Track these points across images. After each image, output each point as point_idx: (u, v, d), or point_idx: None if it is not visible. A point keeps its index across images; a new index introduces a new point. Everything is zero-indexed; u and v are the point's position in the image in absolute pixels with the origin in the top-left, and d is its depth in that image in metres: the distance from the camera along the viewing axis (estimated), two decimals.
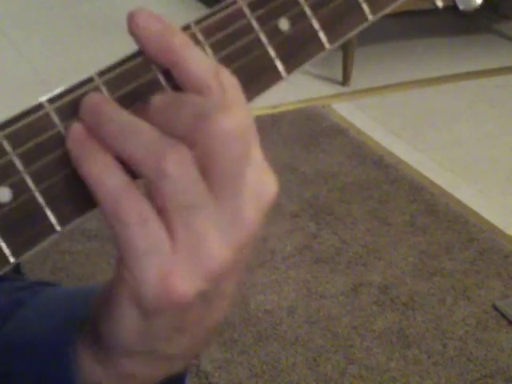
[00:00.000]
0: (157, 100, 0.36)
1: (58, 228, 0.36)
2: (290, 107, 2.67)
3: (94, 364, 0.42)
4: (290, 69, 0.40)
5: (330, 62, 3.02)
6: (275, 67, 0.40)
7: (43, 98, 0.36)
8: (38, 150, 0.36)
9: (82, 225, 2.00)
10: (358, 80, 2.88)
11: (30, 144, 0.35)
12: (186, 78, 0.37)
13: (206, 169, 0.35)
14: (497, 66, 3.06)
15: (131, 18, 0.37)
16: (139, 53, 0.37)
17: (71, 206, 0.36)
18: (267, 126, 2.54)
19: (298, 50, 0.40)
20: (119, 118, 0.36)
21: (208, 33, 0.38)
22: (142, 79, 0.37)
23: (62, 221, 0.36)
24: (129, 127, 0.35)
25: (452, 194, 2.24)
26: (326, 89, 2.85)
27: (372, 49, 3.14)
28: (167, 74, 0.37)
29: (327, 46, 0.41)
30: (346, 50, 2.80)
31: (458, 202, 2.20)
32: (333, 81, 2.90)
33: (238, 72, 0.38)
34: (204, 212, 0.35)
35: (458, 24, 3.48)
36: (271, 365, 1.63)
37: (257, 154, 0.38)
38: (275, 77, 0.40)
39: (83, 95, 0.36)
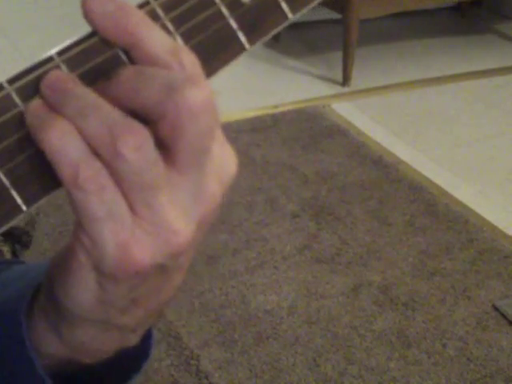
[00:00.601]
0: (122, 73, 0.36)
1: (23, 208, 0.36)
2: (290, 107, 2.67)
3: (49, 333, 0.42)
4: (253, 40, 0.40)
5: (330, 62, 3.03)
6: (238, 39, 0.39)
7: (3, 80, 0.36)
8: (0, 130, 0.35)
9: None
10: (358, 80, 2.88)
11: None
12: (145, 58, 0.36)
13: (171, 143, 0.35)
14: (497, 66, 3.06)
15: (84, 2, 0.36)
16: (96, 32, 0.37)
17: (36, 185, 0.36)
18: (267, 125, 2.54)
19: (260, 21, 0.40)
20: (80, 96, 0.35)
21: (168, 8, 0.38)
22: (102, 56, 0.37)
23: (28, 201, 0.36)
24: (88, 105, 0.35)
25: (452, 194, 2.24)
26: (326, 89, 2.85)
27: (372, 49, 3.14)
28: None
29: (290, 15, 0.40)
30: (346, 50, 2.80)
31: (458, 202, 2.20)
32: (333, 81, 2.90)
33: (200, 46, 0.38)
34: (165, 191, 0.36)
35: (458, 24, 3.48)
36: (271, 365, 1.63)
37: (219, 129, 0.38)
38: (238, 49, 0.39)
39: (44, 74, 0.36)
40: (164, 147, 0.35)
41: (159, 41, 0.36)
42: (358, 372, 1.62)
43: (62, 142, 0.35)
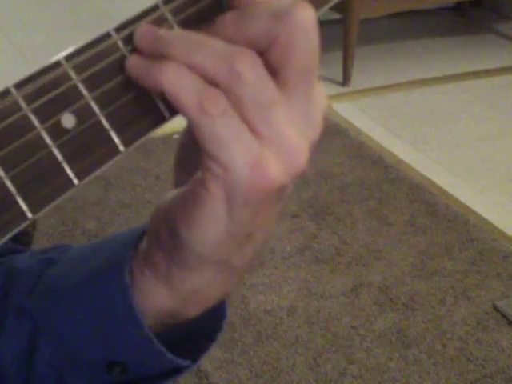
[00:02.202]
0: (228, 14, 0.38)
1: (121, 148, 0.37)
2: None
3: (157, 285, 0.42)
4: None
5: (330, 62, 3.02)
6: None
7: (110, 28, 0.37)
8: (102, 75, 0.37)
9: (81, 225, 2.00)
10: (358, 80, 2.88)
11: (94, 70, 0.37)
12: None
13: (283, 64, 0.37)
14: (497, 66, 3.06)
15: None
16: None
17: (135, 127, 0.37)
18: None
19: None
20: (181, 36, 0.37)
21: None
22: (204, 1, 0.39)
23: (126, 142, 0.37)
24: (194, 42, 0.37)
25: (452, 194, 2.24)
26: (326, 89, 2.81)
27: (372, 49, 3.14)
28: None
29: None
30: (346, 50, 2.80)
31: (458, 202, 2.20)
32: (333, 81, 2.90)
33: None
34: (281, 108, 0.37)
35: (458, 24, 3.48)
36: (271, 365, 1.63)
37: None
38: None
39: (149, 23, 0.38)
40: (274, 73, 0.37)
41: None
42: (358, 372, 1.62)
43: (180, 77, 0.36)
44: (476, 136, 2.58)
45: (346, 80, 2.85)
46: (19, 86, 0.36)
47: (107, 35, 0.37)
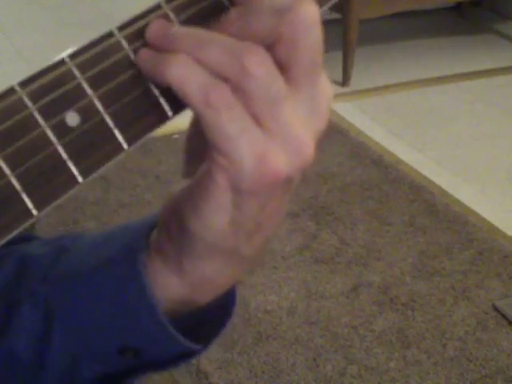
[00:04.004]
0: (231, 12, 0.38)
1: (125, 146, 0.37)
2: None
3: (168, 274, 0.43)
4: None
5: (330, 62, 3.02)
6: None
7: (114, 27, 0.38)
8: (106, 73, 0.37)
9: (81, 224, 2.00)
10: (358, 80, 2.88)
11: (98, 68, 0.37)
12: None
13: (288, 60, 0.38)
14: (497, 66, 3.06)
15: None
16: None
17: (138, 125, 0.38)
18: None
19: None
20: (191, 33, 0.38)
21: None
22: (207, 1, 0.39)
23: (130, 140, 0.38)
24: (203, 38, 0.37)
25: (452, 194, 2.24)
26: None
27: (372, 49, 3.14)
28: None
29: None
30: (346, 50, 2.80)
31: (458, 202, 2.20)
32: (333, 81, 2.89)
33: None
34: (288, 103, 0.38)
35: (458, 24, 3.48)
36: (271, 365, 1.63)
37: None
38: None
39: (147, 25, 0.38)
40: (281, 68, 0.38)
41: None
42: (357, 372, 1.62)
43: (188, 70, 0.37)
44: (476, 136, 2.58)
45: (345, 80, 2.85)
46: (24, 84, 0.36)
47: (110, 34, 0.37)
